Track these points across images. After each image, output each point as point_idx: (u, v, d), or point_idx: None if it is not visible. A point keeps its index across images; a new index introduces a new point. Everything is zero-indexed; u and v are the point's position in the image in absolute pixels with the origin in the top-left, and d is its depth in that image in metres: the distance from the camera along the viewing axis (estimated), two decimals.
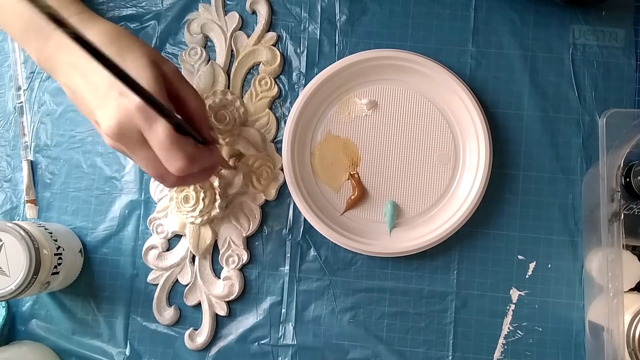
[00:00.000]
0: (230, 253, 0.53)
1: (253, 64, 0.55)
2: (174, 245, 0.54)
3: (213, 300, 0.52)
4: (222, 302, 0.52)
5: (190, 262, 0.53)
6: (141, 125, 0.38)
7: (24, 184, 0.55)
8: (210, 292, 0.52)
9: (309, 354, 0.52)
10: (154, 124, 0.38)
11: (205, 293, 0.52)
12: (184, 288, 0.53)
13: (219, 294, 0.52)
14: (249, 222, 0.53)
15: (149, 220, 0.54)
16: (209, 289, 0.52)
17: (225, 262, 0.53)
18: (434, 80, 0.52)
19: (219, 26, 0.55)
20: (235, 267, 0.52)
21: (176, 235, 0.53)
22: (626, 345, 0.44)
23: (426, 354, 0.52)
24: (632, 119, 0.46)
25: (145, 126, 0.38)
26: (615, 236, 0.44)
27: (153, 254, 0.53)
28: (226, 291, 0.52)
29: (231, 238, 0.53)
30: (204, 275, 0.53)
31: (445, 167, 0.53)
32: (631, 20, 0.54)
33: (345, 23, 0.55)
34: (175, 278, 0.53)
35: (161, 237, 0.53)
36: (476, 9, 0.54)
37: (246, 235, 0.53)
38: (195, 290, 0.53)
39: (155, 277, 0.53)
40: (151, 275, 0.53)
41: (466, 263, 0.52)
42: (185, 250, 0.53)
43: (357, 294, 0.52)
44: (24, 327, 0.53)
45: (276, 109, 0.55)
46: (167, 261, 0.53)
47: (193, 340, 0.52)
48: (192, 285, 0.53)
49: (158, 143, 0.38)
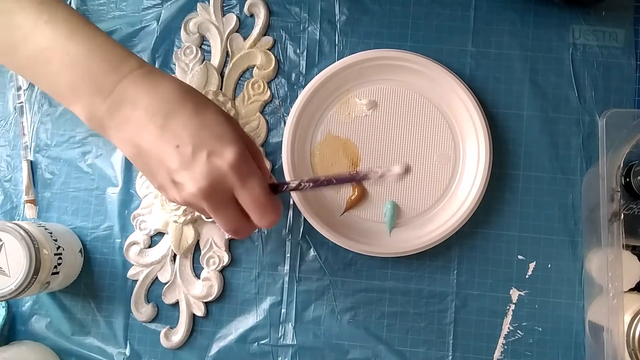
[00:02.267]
0: (211, 254, 0.53)
1: (247, 67, 0.55)
2: (156, 242, 0.54)
3: (191, 300, 0.52)
4: (200, 303, 0.52)
5: (171, 260, 0.53)
6: (234, 184, 0.37)
7: (23, 184, 0.55)
8: (188, 292, 0.52)
9: (309, 354, 0.52)
10: (248, 181, 0.37)
11: (184, 292, 0.53)
12: (163, 286, 0.53)
13: (197, 294, 0.52)
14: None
15: (132, 215, 0.54)
16: (188, 288, 0.53)
17: (205, 263, 0.53)
18: (434, 80, 0.52)
19: (215, 27, 0.55)
20: (215, 269, 0.52)
21: (159, 233, 0.54)
22: (626, 345, 0.44)
23: (426, 354, 0.52)
24: (632, 119, 0.46)
25: (238, 184, 0.37)
26: (615, 236, 0.44)
27: (134, 250, 0.53)
28: (205, 292, 0.52)
29: (213, 239, 0.53)
30: (184, 275, 0.53)
31: (445, 167, 0.53)
32: (631, 20, 0.54)
33: (345, 23, 0.55)
34: (155, 275, 0.53)
35: (144, 234, 0.53)
36: (476, 9, 0.54)
37: (228, 237, 0.53)
38: (174, 289, 0.53)
39: (135, 273, 0.53)
40: (131, 270, 0.53)
41: (466, 263, 0.52)
42: (167, 248, 0.53)
43: (357, 294, 0.52)
44: (24, 327, 0.53)
45: (272, 112, 0.55)
46: (147, 258, 0.53)
47: (168, 339, 0.52)
48: (171, 284, 0.53)
49: (253, 201, 0.37)
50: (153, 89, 0.37)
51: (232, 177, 0.37)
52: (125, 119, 0.37)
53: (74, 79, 0.38)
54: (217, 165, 0.36)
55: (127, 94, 0.37)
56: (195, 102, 0.38)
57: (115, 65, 0.38)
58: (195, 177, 0.36)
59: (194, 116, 0.37)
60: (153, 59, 0.55)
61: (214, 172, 0.36)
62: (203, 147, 0.36)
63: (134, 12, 0.56)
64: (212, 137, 0.37)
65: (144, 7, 0.56)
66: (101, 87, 0.37)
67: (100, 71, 0.38)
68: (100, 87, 0.37)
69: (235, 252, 0.53)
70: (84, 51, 0.38)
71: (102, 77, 0.37)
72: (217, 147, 0.36)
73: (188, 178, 0.36)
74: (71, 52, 0.38)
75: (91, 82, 0.38)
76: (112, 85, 0.37)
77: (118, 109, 0.37)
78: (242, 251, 0.53)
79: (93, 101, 0.38)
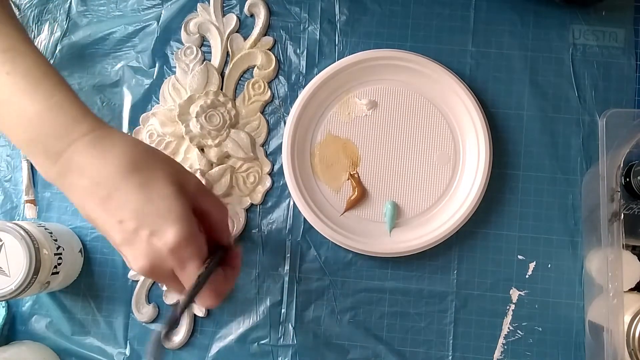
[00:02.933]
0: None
1: (248, 67, 0.55)
2: None
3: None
4: None
5: None
6: (174, 267, 0.36)
7: (23, 184, 0.55)
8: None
9: (309, 354, 0.52)
10: (187, 268, 0.36)
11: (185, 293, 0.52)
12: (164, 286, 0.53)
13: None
14: (233, 224, 0.53)
15: None
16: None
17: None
18: (434, 80, 0.52)
19: (216, 27, 0.55)
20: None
21: None
22: (626, 345, 0.44)
23: (426, 354, 0.52)
24: (632, 119, 0.46)
25: (177, 268, 0.36)
26: (615, 236, 0.45)
27: None
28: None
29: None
30: None
31: (445, 167, 0.53)
32: (631, 20, 0.54)
33: (345, 23, 0.55)
34: None
35: None
36: (476, 9, 0.54)
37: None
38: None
39: (135, 274, 0.53)
40: (132, 271, 0.53)
41: (466, 263, 0.52)
42: None
43: (357, 294, 0.52)
44: (24, 327, 0.53)
45: (272, 112, 0.55)
46: None
47: (169, 339, 0.52)
48: None
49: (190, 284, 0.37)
50: (101, 156, 0.36)
51: (171, 260, 0.36)
52: (72, 185, 0.37)
53: (28, 137, 0.37)
54: (157, 247, 0.35)
55: (74, 161, 0.36)
56: (144, 173, 0.36)
57: (67, 128, 0.37)
58: (136, 256, 0.36)
59: (140, 189, 0.36)
60: (153, 59, 0.55)
61: (154, 254, 0.36)
62: (145, 225, 0.35)
63: (134, 12, 0.56)
64: (156, 214, 0.36)
65: (144, 7, 0.56)
66: (51, 151, 0.37)
67: (50, 134, 0.37)
68: (50, 151, 0.37)
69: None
70: (38, 111, 0.37)
71: (53, 141, 0.37)
72: (160, 227, 0.35)
73: (130, 254, 0.36)
74: (26, 110, 0.37)
75: (42, 144, 0.37)
76: (61, 150, 0.36)
77: (66, 175, 0.37)
78: (243, 251, 0.53)
79: (45, 163, 0.37)
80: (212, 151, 0.53)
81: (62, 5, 0.57)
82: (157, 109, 0.55)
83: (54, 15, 0.57)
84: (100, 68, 0.56)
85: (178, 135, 0.54)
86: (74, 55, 0.56)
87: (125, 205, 0.35)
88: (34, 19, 0.56)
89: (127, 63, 0.56)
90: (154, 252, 0.35)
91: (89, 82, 0.56)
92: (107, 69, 0.56)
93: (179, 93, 0.54)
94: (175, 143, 0.54)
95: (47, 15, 0.57)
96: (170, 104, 0.54)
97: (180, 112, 0.53)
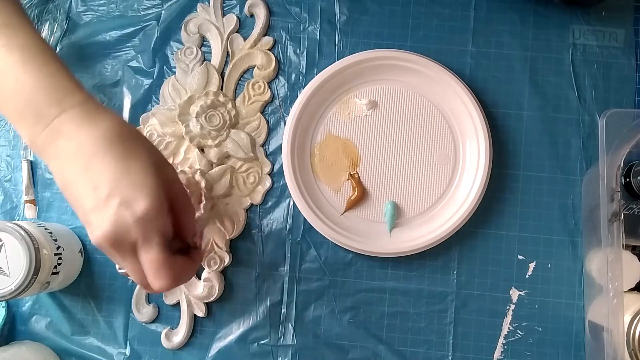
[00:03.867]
0: (212, 255, 0.53)
1: (248, 67, 0.55)
2: None
3: (192, 301, 0.52)
4: (201, 303, 0.52)
5: None
6: (137, 240, 0.37)
7: (23, 184, 0.55)
8: (189, 293, 0.52)
9: (309, 354, 0.52)
10: (149, 241, 0.37)
11: (185, 293, 0.53)
12: None
13: (198, 295, 0.52)
14: (233, 225, 0.53)
15: None
16: (189, 289, 0.53)
17: (206, 264, 0.52)
18: (434, 80, 0.52)
19: (216, 27, 0.55)
20: (216, 269, 0.52)
21: None
22: (626, 345, 0.44)
23: (426, 354, 0.52)
24: (632, 119, 0.46)
25: (140, 240, 0.37)
26: (615, 236, 0.44)
27: None
28: (206, 292, 0.52)
29: (214, 240, 0.53)
30: None
31: (445, 167, 0.53)
32: (631, 20, 0.54)
33: (345, 23, 0.55)
34: None
35: None
36: (476, 9, 0.54)
37: (230, 238, 0.53)
38: (175, 290, 0.53)
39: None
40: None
41: (466, 263, 0.52)
42: None
43: (357, 294, 0.52)
44: (24, 327, 0.53)
45: (272, 112, 0.55)
46: None
47: (169, 340, 0.52)
48: None
49: (149, 262, 0.37)
50: (89, 127, 0.38)
51: (135, 231, 0.36)
52: (57, 151, 0.38)
53: (20, 105, 0.39)
54: (124, 215, 0.36)
55: (63, 128, 0.38)
56: (126, 147, 0.38)
57: (59, 97, 0.39)
58: (102, 222, 0.36)
59: (120, 161, 0.37)
60: (153, 59, 0.55)
61: (119, 221, 0.36)
62: (117, 194, 0.36)
63: (134, 12, 0.56)
64: (130, 186, 0.36)
65: (144, 7, 0.56)
66: (42, 117, 0.38)
67: (43, 101, 0.38)
68: (41, 116, 0.38)
69: (237, 252, 0.53)
70: (32, 79, 0.39)
71: (44, 108, 0.38)
72: (131, 197, 0.36)
73: (96, 221, 0.37)
74: (20, 79, 0.39)
75: (34, 110, 0.39)
76: (52, 116, 0.38)
77: (53, 140, 0.38)
78: (243, 252, 0.53)
79: (34, 129, 0.39)
80: (212, 151, 0.53)
81: (62, 5, 0.57)
82: (157, 109, 0.55)
83: (54, 15, 0.57)
84: (100, 68, 0.56)
85: (178, 136, 0.54)
86: (74, 55, 0.56)
87: (104, 173, 0.36)
88: (34, 19, 0.56)
89: (127, 63, 0.56)
90: (120, 219, 0.36)
91: (89, 82, 0.56)
92: (107, 69, 0.56)
93: (179, 93, 0.54)
94: (175, 143, 0.54)
95: (47, 15, 0.57)
96: (170, 104, 0.54)
97: (180, 112, 0.53)
